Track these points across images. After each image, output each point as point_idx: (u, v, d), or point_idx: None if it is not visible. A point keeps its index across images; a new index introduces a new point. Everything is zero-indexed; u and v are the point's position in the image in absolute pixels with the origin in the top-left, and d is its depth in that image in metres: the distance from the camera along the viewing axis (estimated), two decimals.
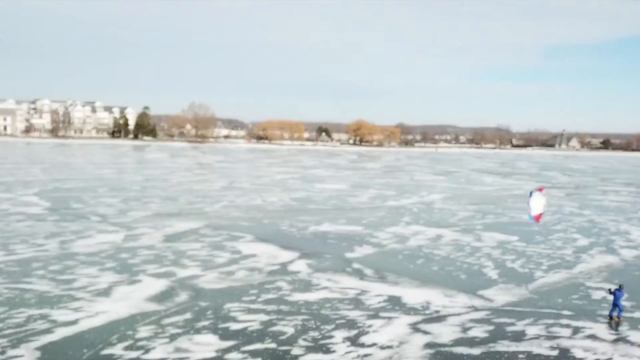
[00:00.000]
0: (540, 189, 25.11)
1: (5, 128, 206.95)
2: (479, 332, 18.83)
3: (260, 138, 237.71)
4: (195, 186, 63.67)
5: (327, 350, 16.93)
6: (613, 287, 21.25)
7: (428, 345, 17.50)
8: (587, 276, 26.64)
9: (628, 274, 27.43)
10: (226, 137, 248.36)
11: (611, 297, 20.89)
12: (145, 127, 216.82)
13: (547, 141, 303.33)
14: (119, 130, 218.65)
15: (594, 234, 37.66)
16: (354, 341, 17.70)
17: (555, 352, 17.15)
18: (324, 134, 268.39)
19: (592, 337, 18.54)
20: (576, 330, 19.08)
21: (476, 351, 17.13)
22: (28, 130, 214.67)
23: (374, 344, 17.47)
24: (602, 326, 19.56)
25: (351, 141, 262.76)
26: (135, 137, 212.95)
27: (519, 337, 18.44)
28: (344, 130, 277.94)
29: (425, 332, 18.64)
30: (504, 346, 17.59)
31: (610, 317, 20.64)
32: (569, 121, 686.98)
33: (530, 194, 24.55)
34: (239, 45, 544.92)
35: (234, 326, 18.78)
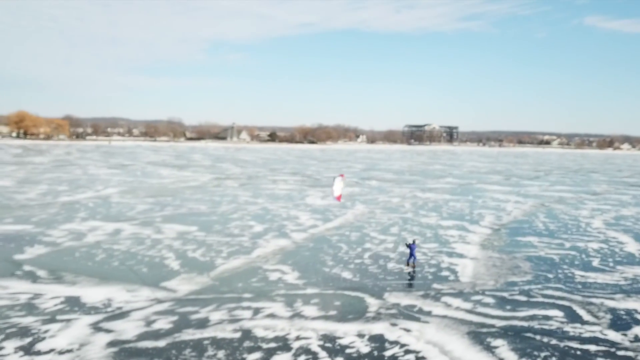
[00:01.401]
0: (341, 175, 30.34)
1: None
2: (163, 324, 18.59)
3: None
4: None
5: None
6: (409, 242, 27.66)
7: (112, 344, 16.73)
8: (264, 260, 28.16)
9: (299, 254, 29.68)
10: None
11: (408, 250, 27.58)
12: None
13: (219, 134, 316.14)
14: None
15: (268, 220, 40.06)
16: (28, 350, 16.11)
17: (238, 334, 17.73)
18: None
19: (271, 315, 19.61)
20: (257, 311, 20.00)
21: (162, 343, 16.89)
22: None
23: (51, 350, 16.12)
24: (279, 305, 20.77)
25: (14, 134, 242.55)
26: None
27: (203, 324, 18.67)
28: (4, 122, 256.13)
29: (108, 331, 17.80)
30: (189, 335, 17.64)
31: (408, 264, 27.10)
32: (238, 114, 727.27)
33: (334, 179, 30.03)
34: None
35: None
